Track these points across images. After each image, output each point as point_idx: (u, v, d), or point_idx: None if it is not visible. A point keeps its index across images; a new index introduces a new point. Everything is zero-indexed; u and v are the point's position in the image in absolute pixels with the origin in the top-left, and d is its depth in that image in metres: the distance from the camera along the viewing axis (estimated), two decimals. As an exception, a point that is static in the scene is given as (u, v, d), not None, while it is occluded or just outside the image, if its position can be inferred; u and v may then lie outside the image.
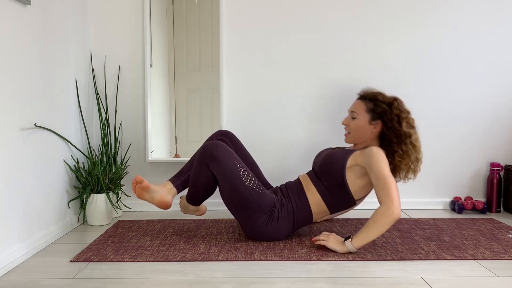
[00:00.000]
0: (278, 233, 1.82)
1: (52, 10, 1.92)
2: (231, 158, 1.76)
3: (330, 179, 1.80)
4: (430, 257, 1.66)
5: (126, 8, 2.35)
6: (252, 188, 1.76)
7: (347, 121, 1.90)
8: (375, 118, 1.83)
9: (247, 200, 1.75)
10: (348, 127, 1.90)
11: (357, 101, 1.91)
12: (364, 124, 1.84)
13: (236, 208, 1.81)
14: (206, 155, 1.75)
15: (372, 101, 1.84)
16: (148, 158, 2.38)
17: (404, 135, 1.79)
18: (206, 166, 1.76)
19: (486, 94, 2.42)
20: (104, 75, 2.34)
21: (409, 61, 2.40)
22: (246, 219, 1.80)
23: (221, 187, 1.80)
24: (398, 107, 1.82)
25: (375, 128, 1.84)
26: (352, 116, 1.88)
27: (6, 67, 1.58)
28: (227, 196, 1.80)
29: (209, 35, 2.46)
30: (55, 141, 1.96)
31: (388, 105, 1.82)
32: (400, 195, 2.41)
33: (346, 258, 1.65)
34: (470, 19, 2.38)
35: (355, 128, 1.87)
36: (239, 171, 1.75)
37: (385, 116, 1.82)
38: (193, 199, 1.90)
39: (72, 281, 1.46)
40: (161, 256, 1.68)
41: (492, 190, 2.39)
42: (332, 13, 2.37)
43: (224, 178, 1.75)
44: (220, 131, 2.06)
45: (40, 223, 1.82)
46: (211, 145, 1.77)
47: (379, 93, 1.88)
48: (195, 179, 1.83)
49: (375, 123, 1.84)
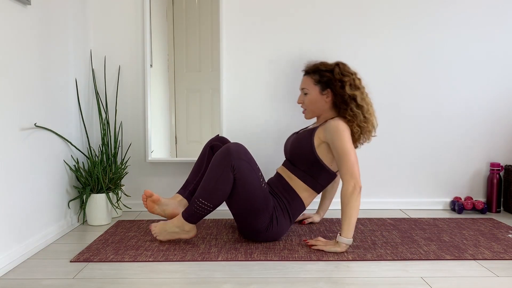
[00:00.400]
0: (279, 234, 1.83)
1: (52, 10, 1.92)
2: (252, 159, 1.74)
3: (305, 162, 1.82)
4: (430, 257, 1.66)
5: (126, 8, 2.35)
6: (265, 188, 1.75)
7: (301, 99, 1.93)
8: (324, 88, 1.86)
9: (259, 203, 1.73)
10: (303, 104, 1.92)
11: (304, 78, 1.92)
12: (316, 96, 1.87)
13: (246, 211, 1.74)
14: (231, 156, 1.66)
15: (317, 73, 1.87)
16: (148, 158, 2.38)
17: (349, 98, 1.80)
18: (230, 168, 1.66)
19: (486, 94, 2.42)
20: (104, 75, 2.35)
21: (409, 61, 2.40)
22: (251, 221, 1.76)
23: (239, 190, 1.70)
24: (340, 71, 1.83)
25: (327, 98, 1.86)
26: (304, 92, 1.90)
27: (6, 67, 1.58)
28: (243, 199, 1.71)
29: (209, 35, 2.46)
30: (55, 141, 1.96)
31: (331, 72, 1.84)
32: (400, 195, 2.47)
33: (346, 258, 1.65)
34: (471, 20, 2.38)
35: (310, 103, 1.89)
36: (258, 173, 1.74)
37: (331, 84, 1.84)
38: (196, 216, 1.73)
39: (72, 281, 1.46)
40: (161, 256, 1.68)
41: (492, 190, 2.39)
42: (333, 14, 2.37)
43: (246, 180, 1.68)
44: (217, 137, 2.05)
45: (40, 223, 1.82)
46: (235, 146, 1.70)
47: (321, 64, 1.89)
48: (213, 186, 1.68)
49: (326, 92, 1.86)
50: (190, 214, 1.73)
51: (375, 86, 2.40)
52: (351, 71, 1.86)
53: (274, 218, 1.79)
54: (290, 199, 1.83)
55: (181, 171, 2.43)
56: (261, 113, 2.42)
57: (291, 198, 1.83)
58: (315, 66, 1.90)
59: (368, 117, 1.82)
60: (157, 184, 2.43)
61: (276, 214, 1.79)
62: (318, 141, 1.81)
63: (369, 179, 2.43)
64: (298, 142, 1.86)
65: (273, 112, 2.41)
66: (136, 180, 2.42)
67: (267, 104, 2.41)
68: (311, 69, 1.90)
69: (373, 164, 2.44)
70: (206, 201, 1.69)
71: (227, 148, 1.69)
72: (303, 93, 1.92)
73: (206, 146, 2.03)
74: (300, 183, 1.84)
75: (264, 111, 2.42)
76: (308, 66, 1.93)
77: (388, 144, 2.43)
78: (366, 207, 2.42)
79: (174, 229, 1.78)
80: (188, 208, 1.74)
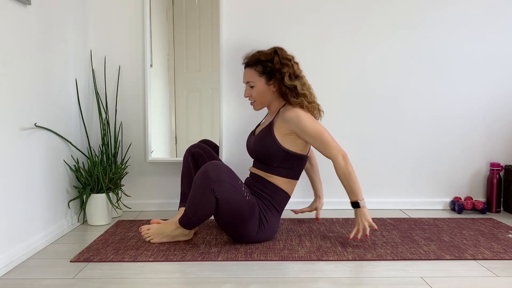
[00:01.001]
0: (272, 231, 1.83)
1: (52, 10, 1.92)
2: (233, 175, 1.72)
3: (275, 159, 1.82)
4: (430, 257, 1.66)
5: (126, 8, 2.35)
6: (250, 200, 1.74)
7: (248, 92, 1.91)
8: (269, 78, 1.85)
9: (246, 214, 1.72)
10: (251, 97, 1.92)
11: (246, 70, 1.91)
12: (264, 87, 1.87)
13: (234, 224, 1.75)
14: (210, 180, 1.65)
15: (259, 64, 1.85)
16: (148, 158, 2.38)
17: (289, 88, 1.82)
18: (210, 191, 1.66)
19: (486, 94, 2.42)
20: (104, 75, 2.34)
21: (409, 61, 2.40)
22: (244, 231, 1.76)
23: (223, 208, 1.70)
24: (279, 60, 1.83)
25: (274, 87, 1.86)
26: (250, 85, 1.89)
27: (6, 67, 1.58)
28: (228, 215, 1.72)
29: (209, 35, 2.46)
30: (55, 141, 1.96)
31: (271, 62, 1.84)
32: (400, 195, 2.47)
33: (346, 258, 1.65)
34: (471, 20, 2.38)
35: (258, 95, 1.88)
36: (241, 187, 1.72)
37: (273, 73, 1.84)
38: (191, 225, 1.78)
39: (72, 281, 1.46)
40: (161, 256, 1.68)
41: (492, 190, 2.39)
42: (333, 14, 2.37)
43: (229, 199, 1.68)
44: (197, 143, 2.07)
45: (40, 223, 1.82)
46: (213, 168, 1.67)
47: (259, 54, 1.88)
48: (196, 206, 1.70)
49: (271, 82, 1.86)
50: (185, 223, 1.78)
51: (375, 86, 2.41)
52: (288, 56, 1.86)
53: (262, 218, 1.79)
54: (272, 194, 1.84)
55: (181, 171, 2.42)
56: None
57: (273, 193, 1.84)
58: (255, 57, 1.87)
59: (312, 102, 1.85)
60: (157, 184, 2.43)
61: (264, 213, 1.79)
62: (281, 134, 1.81)
63: (369, 179, 2.43)
64: (261, 143, 1.85)
65: (273, 112, 2.41)
66: (136, 180, 2.42)
67: (267, 104, 2.41)
68: (252, 61, 1.87)
69: (373, 164, 2.44)
70: (193, 216, 1.74)
71: (206, 172, 1.67)
72: (249, 86, 1.90)
73: (186, 155, 2.03)
74: (277, 178, 1.84)
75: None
76: (248, 58, 1.91)
77: (388, 144, 2.43)
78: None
79: (174, 233, 1.82)
80: (182, 218, 1.78)
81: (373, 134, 2.43)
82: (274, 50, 1.86)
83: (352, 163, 1.81)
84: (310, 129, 1.77)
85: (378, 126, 2.43)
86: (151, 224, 1.86)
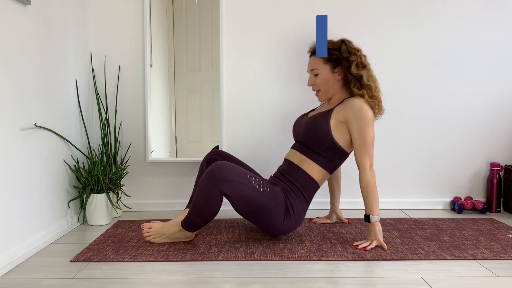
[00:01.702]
0: (298, 219, 1.82)
1: (52, 10, 1.92)
2: (239, 171, 1.72)
3: (320, 145, 1.82)
4: (430, 257, 1.66)
5: (126, 8, 2.35)
6: (266, 191, 1.74)
7: (312, 80, 1.91)
8: (335, 66, 1.85)
9: (265, 205, 1.73)
10: (315, 85, 1.91)
11: (311, 59, 1.92)
12: (329, 75, 1.86)
13: (256, 216, 1.76)
14: (216, 180, 1.66)
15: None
16: (148, 158, 2.38)
17: (355, 76, 1.82)
18: (218, 191, 1.68)
19: (486, 94, 2.42)
20: (104, 75, 2.35)
21: (409, 61, 2.40)
22: (268, 222, 1.77)
23: (238, 204, 1.74)
24: (346, 49, 1.84)
25: (339, 75, 1.86)
26: (315, 73, 1.89)
27: (6, 67, 1.58)
28: (245, 209, 1.75)
29: (209, 35, 2.46)
30: (55, 141, 1.96)
31: (338, 50, 1.85)
32: (400, 195, 2.47)
33: (346, 258, 1.65)
34: (470, 19, 2.38)
35: (323, 83, 1.88)
36: (251, 181, 1.72)
37: (339, 61, 1.84)
38: (194, 227, 1.79)
39: (72, 281, 1.46)
40: (161, 256, 1.68)
41: (492, 190, 2.39)
42: (333, 15, 2.36)
43: (240, 195, 1.69)
44: (214, 150, 2.05)
45: (40, 223, 1.82)
46: (217, 168, 1.68)
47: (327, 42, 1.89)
48: (202, 206, 1.70)
49: (337, 70, 1.85)
50: (187, 226, 1.79)
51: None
52: (356, 47, 1.87)
53: (289, 207, 1.78)
54: (303, 182, 1.82)
55: (181, 171, 2.43)
56: (261, 113, 2.42)
57: (304, 181, 1.82)
58: None
59: (375, 96, 1.83)
60: (157, 184, 2.43)
61: (291, 201, 1.79)
62: (335, 123, 1.80)
63: (369, 179, 2.44)
64: (313, 125, 1.84)
65: (274, 112, 2.41)
66: (136, 180, 2.42)
67: (267, 104, 2.41)
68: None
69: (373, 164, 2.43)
70: (198, 218, 1.74)
71: (211, 172, 1.68)
72: (313, 74, 1.90)
73: (203, 161, 2.02)
74: (314, 166, 1.83)
75: (264, 111, 2.42)
76: (314, 47, 1.92)
77: (388, 144, 2.43)
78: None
79: (176, 235, 1.81)
80: (185, 221, 1.78)
81: (373, 134, 2.43)
82: (342, 40, 1.88)
83: (352, 163, 1.82)
84: (364, 123, 1.76)
85: (378, 126, 2.42)
86: (153, 223, 1.85)
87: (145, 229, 1.83)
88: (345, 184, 2.34)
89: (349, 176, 2.45)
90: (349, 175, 2.42)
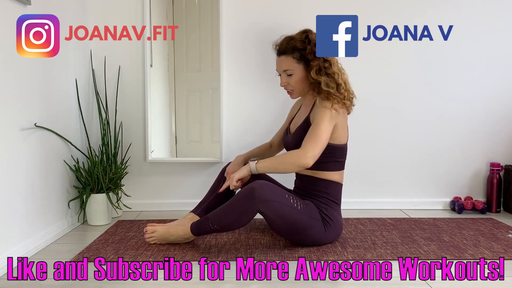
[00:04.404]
0: (340, 226, 1.80)
1: (52, 10, 1.92)
2: (279, 191, 1.68)
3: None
4: (430, 257, 1.66)
5: (126, 8, 2.35)
6: (303, 208, 1.70)
7: (285, 80, 1.83)
8: (308, 64, 1.78)
9: (305, 222, 1.70)
10: (288, 85, 1.84)
11: (282, 58, 1.82)
12: (303, 74, 1.79)
13: (296, 234, 1.73)
14: (256, 200, 1.61)
15: (296, 51, 1.77)
16: (148, 158, 2.38)
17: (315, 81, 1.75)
18: (255, 210, 1.64)
19: (486, 94, 2.42)
20: (104, 75, 2.34)
21: (409, 61, 2.40)
22: (311, 237, 1.75)
23: (277, 224, 1.72)
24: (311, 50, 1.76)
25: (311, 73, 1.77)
26: (288, 74, 1.81)
27: (6, 67, 1.58)
28: (285, 228, 1.72)
29: (209, 35, 2.46)
30: (55, 141, 1.96)
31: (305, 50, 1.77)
32: (400, 195, 2.47)
33: (346, 258, 1.65)
34: (470, 19, 2.38)
35: (298, 83, 1.81)
36: (290, 200, 1.67)
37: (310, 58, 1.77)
38: (205, 233, 1.78)
39: (72, 281, 1.45)
40: (161, 256, 1.68)
41: (492, 190, 2.39)
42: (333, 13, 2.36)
43: (280, 215, 1.66)
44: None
45: (40, 223, 1.82)
46: (258, 187, 1.62)
47: (294, 41, 1.79)
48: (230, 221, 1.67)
49: (309, 68, 1.77)
50: (199, 232, 1.75)
51: (376, 87, 2.41)
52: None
53: (325, 217, 1.75)
54: (326, 189, 1.79)
55: (181, 171, 2.43)
56: (262, 113, 2.42)
57: (326, 189, 1.79)
58: (291, 44, 1.79)
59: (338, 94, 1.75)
60: (157, 184, 2.43)
61: (325, 212, 1.76)
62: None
63: (369, 179, 2.43)
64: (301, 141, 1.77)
65: (274, 112, 2.41)
66: (136, 180, 2.42)
67: (267, 104, 2.41)
68: (289, 48, 1.79)
69: (373, 164, 2.44)
70: (219, 227, 1.71)
71: (252, 192, 1.62)
72: (286, 75, 1.82)
73: (221, 171, 2.01)
74: (326, 173, 1.79)
75: (265, 111, 2.42)
76: (282, 45, 1.82)
77: (388, 144, 2.43)
78: (366, 207, 2.42)
79: (179, 239, 1.80)
80: (199, 227, 1.74)
81: (373, 134, 2.43)
82: (306, 35, 1.79)
83: (352, 163, 1.80)
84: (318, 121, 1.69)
85: (378, 126, 2.43)
86: (156, 227, 1.82)
87: (148, 234, 1.82)
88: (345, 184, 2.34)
89: (349, 176, 2.45)
90: (347, 174, 2.42)
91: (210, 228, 1.71)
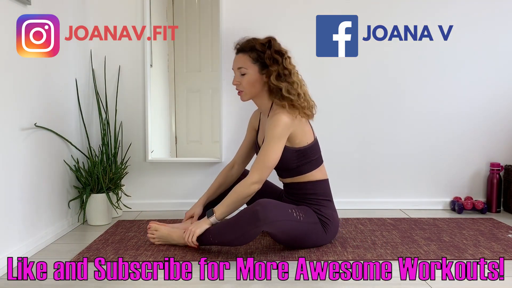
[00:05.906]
0: (335, 219, 1.80)
1: (52, 10, 1.92)
2: (282, 208, 1.66)
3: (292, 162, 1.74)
4: (430, 257, 1.66)
5: (126, 8, 2.35)
6: (303, 217, 1.69)
7: (238, 79, 1.78)
8: (263, 67, 1.73)
9: (307, 230, 1.70)
10: (240, 85, 1.78)
11: (238, 56, 1.79)
12: (257, 76, 1.74)
13: (300, 242, 1.73)
14: (261, 222, 1.57)
15: (254, 51, 1.74)
16: (148, 158, 2.38)
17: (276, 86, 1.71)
18: (259, 231, 1.60)
19: (486, 94, 2.42)
20: (104, 75, 2.34)
21: (408, 61, 2.40)
22: (314, 241, 1.75)
23: (282, 239, 1.72)
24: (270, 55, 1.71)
25: (266, 77, 1.73)
26: (242, 72, 1.76)
27: (6, 67, 1.58)
28: (289, 241, 1.72)
29: (209, 35, 2.46)
30: (55, 141, 1.96)
31: (263, 53, 1.72)
32: (400, 195, 2.47)
33: (346, 258, 1.65)
34: (470, 19, 2.38)
35: (248, 84, 1.75)
36: (293, 214, 1.66)
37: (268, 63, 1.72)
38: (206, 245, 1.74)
39: (72, 281, 1.46)
40: (161, 256, 1.68)
41: (492, 190, 2.39)
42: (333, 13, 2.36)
43: (284, 231, 1.65)
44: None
45: (40, 223, 1.82)
46: (262, 209, 1.58)
47: (254, 41, 1.76)
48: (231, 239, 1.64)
49: (265, 72, 1.73)
50: (201, 243, 1.71)
51: (375, 87, 2.41)
52: (282, 50, 1.75)
53: (322, 218, 1.75)
54: (313, 190, 1.78)
55: (181, 171, 2.43)
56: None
57: (313, 189, 1.78)
58: (250, 43, 1.76)
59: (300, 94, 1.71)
60: (157, 184, 2.43)
61: (321, 213, 1.75)
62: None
63: (369, 179, 2.43)
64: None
65: (273, 112, 2.41)
66: (136, 180, 2.42)
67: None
68: (247, 47, 1.76)
69: (373, 164, 2.44)
70: (219, 242, 1.68)
71: (255, 215, 1.58)
72: (239, 73, 1.78)
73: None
74: (307, 175, 1.77)
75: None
76: (242, 43, 1.79)
77: (388, 144, 2.43)
78: (366, 207, 2.42)
79: (181, 241, 1.77)
80: (200, 239, 1.70)
81: (373, 134, 2.43)
82: (268, 40, 1.76)
83: (352, 163, 1.80)
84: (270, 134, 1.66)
85: (378, 126, 2.43)
86: (160, 226, 1.82)
87: (150, 231, 1.82)
88: (343, 183, 2.35)
89: (348, 176, 2.45)
90: (347, 174, 2.43)
91: (211, 242, 1.69)
